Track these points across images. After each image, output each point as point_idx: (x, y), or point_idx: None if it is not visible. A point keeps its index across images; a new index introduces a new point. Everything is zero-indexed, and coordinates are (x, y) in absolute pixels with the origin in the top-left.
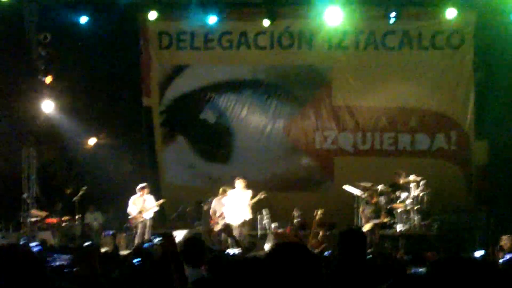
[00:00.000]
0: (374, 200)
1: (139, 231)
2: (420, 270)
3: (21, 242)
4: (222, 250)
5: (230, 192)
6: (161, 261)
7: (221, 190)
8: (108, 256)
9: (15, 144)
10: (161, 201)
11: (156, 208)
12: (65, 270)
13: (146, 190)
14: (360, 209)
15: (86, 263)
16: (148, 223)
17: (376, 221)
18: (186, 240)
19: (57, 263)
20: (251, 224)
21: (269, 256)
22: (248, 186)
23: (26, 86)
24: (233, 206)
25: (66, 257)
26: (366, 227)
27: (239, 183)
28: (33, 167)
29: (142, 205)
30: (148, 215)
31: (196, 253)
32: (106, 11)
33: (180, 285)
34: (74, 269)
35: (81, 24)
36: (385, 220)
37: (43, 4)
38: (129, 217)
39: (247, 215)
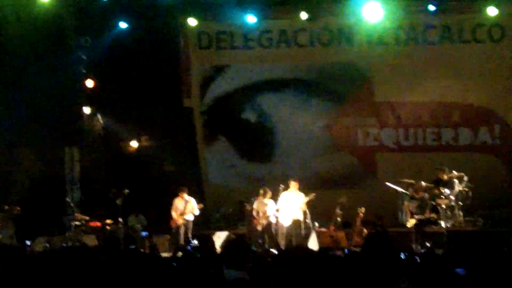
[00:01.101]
0: (420, 195)
1: (181, 232)
2: (461, 268)
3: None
4: (264, 250)
5: (283, 193)
6: (200, 263)
7: (261, 190)
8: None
9: (57, 147)
10: (200, 205)
11: (198, 211)
12: None
13: (186, 192)
14: (405, 204)
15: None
16: (189, 225)
17: (421, 216)
18: (226, 242)
19: None
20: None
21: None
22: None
23: (67, 89)
24: (286, 207)
25: None
26: (410, 222)
27: (293, 185)
28: (75, 170)
29: (184, 207)
30: (190, 217)
31: (237, 255)
32: (145, 12)
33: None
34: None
35: (121, 27)
36: (430, 216)
37: (82, 7)
38: (171, 219)
39: (299, 216)
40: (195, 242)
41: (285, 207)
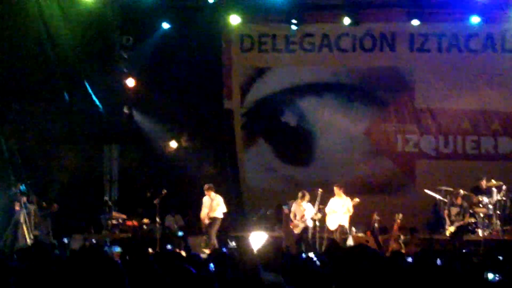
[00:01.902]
0: (459, 201)
1: (211, 231)
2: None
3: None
4: (301, 254)
5: (331, 200)
6: (237, 265)
7: (300, 193)
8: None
9: (97, 145)
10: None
11: (225, 208)
12: None
13: (213, 190)
14: (445, 212)
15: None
16: (217, 223)
17: (461, 222)
18: (264, 245)
19: None
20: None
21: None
22: (329, 190)
23: (108, 88)
24: (333, 211)
25: None
26: (450, 230)
27: (337, 191)
28: (114, 169)
29: (210, 205)
30: (219, 214)
31: (273, 258)
32: (188, 13)
33: None
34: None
35: (164, 28)
36: (469, 220)
37: (126, 7)
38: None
39: (345, 221)
40: (233, 243)
41: (332, 212)
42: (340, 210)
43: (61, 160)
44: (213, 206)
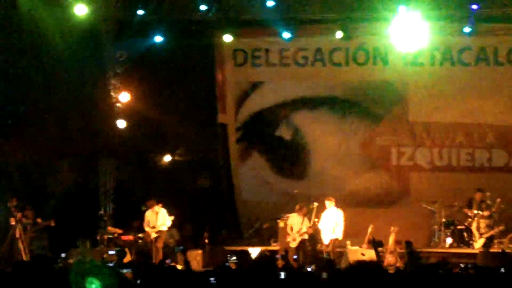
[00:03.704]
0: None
1: (157, 246)
2: None
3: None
4: (299, 267)
5: (324, 212)
6: (237, 279)
7: (297, 206)
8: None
9: (92, 160)
10: (172, 217)
11: (170, 222)
12: None
13: (156, 204)
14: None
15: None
16: (162, 237)
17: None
18: (257, 258)
19: None
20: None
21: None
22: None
23: (101, 102)
24: (326, 224)
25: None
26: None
27: (329, 203)
28: (110, 183)
29: (155, 219)
30: (163, 228)
31: (267, 271)
32: (181, 28)
33: None
34: None
35: (156, 42)
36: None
37: (120, 21)
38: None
39: (339, 234)
40: (233, 258)
41: (325, 225)
42: (332, 223)
43: (56, 174)
44: (158, 220)
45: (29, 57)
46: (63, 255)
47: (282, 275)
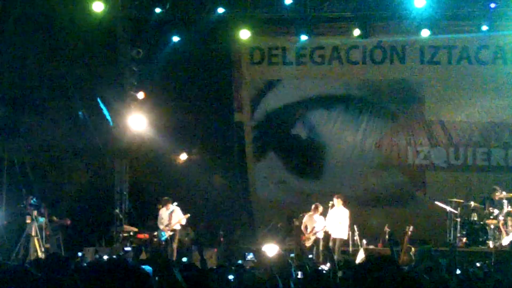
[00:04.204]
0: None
1: (171, 244)
2: None
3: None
4: (314, 266)
5: (331, 210)
6: (252, 277)
7: (313, 206)
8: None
9: (108, 159)
10: (187, 215)
11: (185, 221)
12: None
13: (171, 202)
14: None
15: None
16: (177, 236)
17: None
18: (275, 258)
19: None
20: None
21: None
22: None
23: (117, 101)
24: (331, 222)
25: None
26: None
27: (337, 201)
28: (125, 182)
29: (169, 218)
30: (177, 227)
31: (283, 270)
32: (198, 27)
33: None
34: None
35: (174, 41)
36: None
37: (136, 20)
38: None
39: (345, 234)
40: (251, 256)
41: (330, 223)
42: (336, 222)
43: (72, 173)
44: (173, 219)
45: (45, 54)
46: (79, 254)
47: (300, 274)
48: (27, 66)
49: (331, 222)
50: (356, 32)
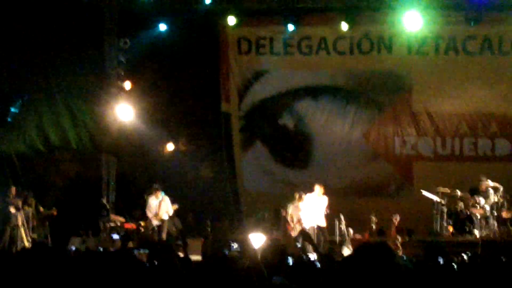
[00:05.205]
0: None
1: (159, 233)
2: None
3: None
4: (300, 256)
5: (306, 196)
6: (239, 268)
7: (297, 195)
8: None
9: (94, 150)
10: (175, 206)
11: (172, 211)
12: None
13: (160, 191)
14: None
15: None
16: (165, 226)
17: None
18: (265, 248)
19: None
20: (329, 230)
21: (351, 258)
22: (326, 193)
23: (103, 92)
24: (308, 210)
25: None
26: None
27: (318, 188)
28: (112, 172)
29: (158, 207)
30: (165, 216)
31: (277, 260)
32: (185, 17)
33: None
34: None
35: (160, 30)
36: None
37: (122, 9)
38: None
39: (322, 221)
40: (236, 245)
41: (307, 211)
42: (316, 209)
43: (58, 164)
44: (161, 208)
45: (30, 44)
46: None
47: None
48: (12, 57)
49: (314, 210)
50: (344, 26)
